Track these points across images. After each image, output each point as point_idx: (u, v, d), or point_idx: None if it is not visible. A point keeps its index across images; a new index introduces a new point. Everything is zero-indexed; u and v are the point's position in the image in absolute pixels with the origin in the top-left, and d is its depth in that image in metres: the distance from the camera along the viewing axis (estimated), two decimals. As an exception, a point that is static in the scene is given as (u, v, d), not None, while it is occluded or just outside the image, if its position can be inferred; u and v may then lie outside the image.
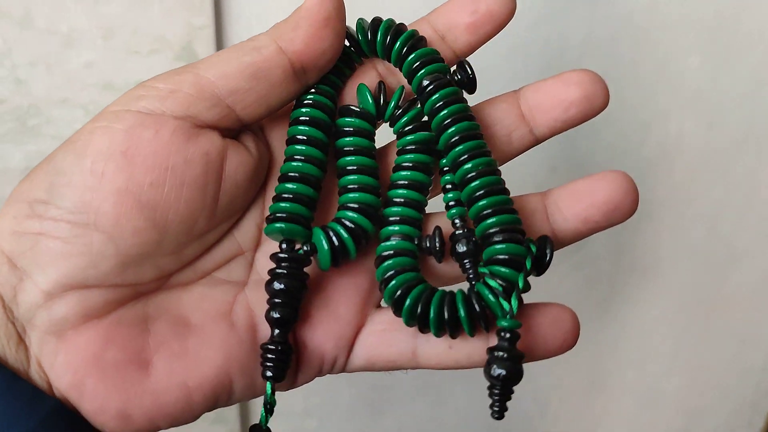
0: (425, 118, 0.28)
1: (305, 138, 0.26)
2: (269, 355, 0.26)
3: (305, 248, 0.26)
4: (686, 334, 0.63)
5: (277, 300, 0.26)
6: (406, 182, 0.27)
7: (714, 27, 0.50)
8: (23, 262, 0.24)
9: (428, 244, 0.27)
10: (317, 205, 0.27)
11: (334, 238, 0.26)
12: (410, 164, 0.27)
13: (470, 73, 0.28)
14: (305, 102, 0.27)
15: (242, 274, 0.28)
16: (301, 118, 0.27)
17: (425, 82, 0.27)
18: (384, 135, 0.30)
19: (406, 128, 0.28)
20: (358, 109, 0.28)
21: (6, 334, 0.24)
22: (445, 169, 0.28)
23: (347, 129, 0.27)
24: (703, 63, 0.51)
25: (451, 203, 0.28)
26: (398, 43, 0.27)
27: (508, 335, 0.24)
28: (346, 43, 0.27)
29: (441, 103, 0.27)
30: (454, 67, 0.28)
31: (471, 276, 0.27)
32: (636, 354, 0.63)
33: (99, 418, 0.24)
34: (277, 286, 0.26)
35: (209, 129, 0.25)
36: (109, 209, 0.24)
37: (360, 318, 0.28)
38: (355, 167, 0.27)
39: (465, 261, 0.27)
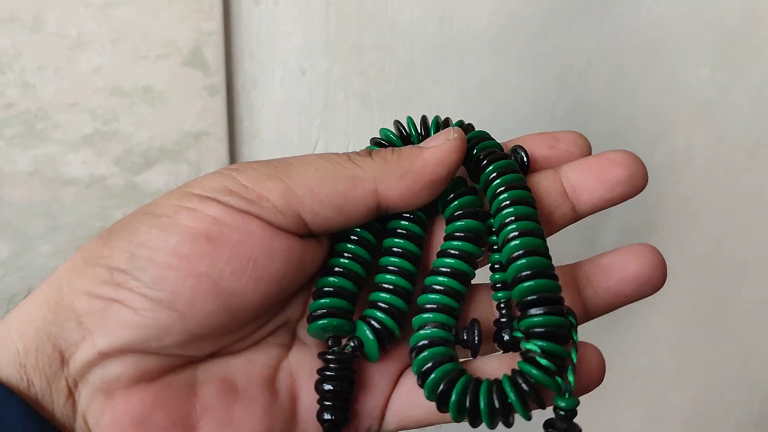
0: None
1: (355, 238, 0.27)
2: None
3: (352, 344, 0.26)
4: (692, 348, 0.63)
5: (327, 403, 0.26)
6: (449, 270, 0.26)
7: (723, 39, 0.50)
8: (90, 322, 0.24)
9: (465, 337, 0.26)
10: (357, 301, 0.27)
11: (376, 325, 0.26)
12: (456, 252, 0.27)
13: (524, 157, 0.28)
14: None
15: (287, 339, 0.28)
16: None
17: (481, 155, 0.27)
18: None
19: (456, 213, 0.27)
20: (410, 215, 0.27)
21: (57, 388, 0.24)
22: (494, 247, 0.27)
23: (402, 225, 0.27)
24: (712, 75, 0.51)
25: (498, 285, 0.27)
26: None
27: (565, 414, 0.24)
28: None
29: (495, 173, 0.26)
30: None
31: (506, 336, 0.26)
32: (642, 368, 0.63)
33: None
34: (327, 387, 0.26)
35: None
36: (186, 291, 0.24)
37: (392, 387, 0.28)
38: (400, 250, 0.27)
39: (508, 344, 0.26)
